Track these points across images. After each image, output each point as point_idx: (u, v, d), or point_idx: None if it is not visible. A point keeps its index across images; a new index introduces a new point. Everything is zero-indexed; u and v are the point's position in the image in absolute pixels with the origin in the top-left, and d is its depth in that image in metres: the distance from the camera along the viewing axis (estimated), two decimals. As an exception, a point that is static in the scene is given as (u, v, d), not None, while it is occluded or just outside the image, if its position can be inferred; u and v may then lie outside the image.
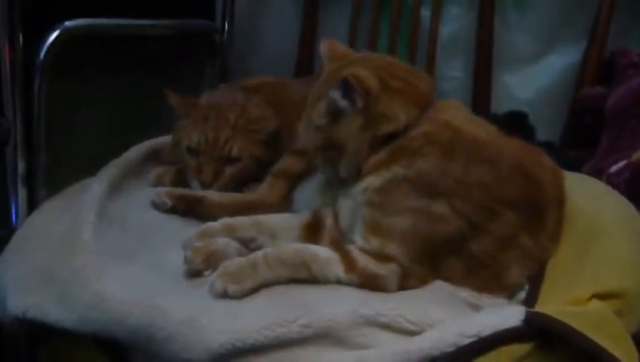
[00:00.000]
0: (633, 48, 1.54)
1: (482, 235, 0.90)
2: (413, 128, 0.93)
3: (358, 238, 0.92)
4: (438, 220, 0.90)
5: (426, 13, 1.70)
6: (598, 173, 1.34)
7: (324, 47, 1.04)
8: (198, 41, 1.65)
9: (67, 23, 1.26)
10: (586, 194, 1.06)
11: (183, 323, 0.83)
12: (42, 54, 1.23)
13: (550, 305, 0.85)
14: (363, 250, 0.90)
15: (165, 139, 1.30)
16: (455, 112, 0.99)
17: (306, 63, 1.76)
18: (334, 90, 0.91)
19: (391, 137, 0.93)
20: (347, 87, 0.90)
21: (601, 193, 1.12)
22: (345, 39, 1.71)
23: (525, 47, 1.73)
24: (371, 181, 0.93)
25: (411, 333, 0.82)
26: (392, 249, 0.89)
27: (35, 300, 0.95)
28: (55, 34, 1.24)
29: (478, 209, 0.90)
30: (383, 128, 0.93)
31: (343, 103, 0.92)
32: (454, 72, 1.76)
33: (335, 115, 0.94)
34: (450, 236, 0.90)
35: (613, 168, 1.33)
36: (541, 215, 0.96)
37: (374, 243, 0.90)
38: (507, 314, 0.82)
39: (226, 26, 1.70)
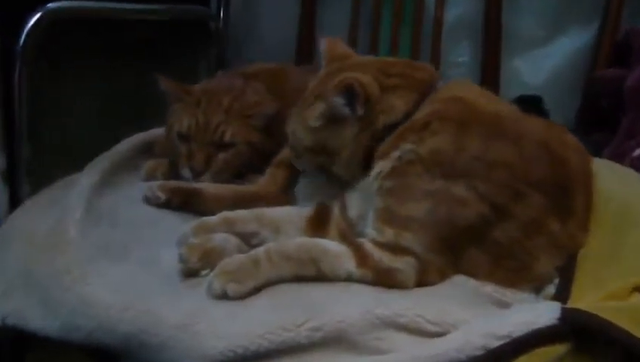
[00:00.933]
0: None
1: (506, 220, 0.84)
2: (415, 113, 0.89)
3: (370, 230, 0.86)
4: (457, 204, 0.82)
5: (430, -4, 1.64)
6: (619, 158, 1.30)
7: (323, 44, 1.01)
8: (192, 28, 1.58)
9: (50, 5, 1.18)
10: (613, 180, 0.99)
11: (178, 329, 0.78)
12: (23, 39, 1.15)
13: (585, 300, 0.79)
14: (376, 243, 0.84)
15: (159, 132, 1.24)
16: (465, 88, 0.94)
17: (306, 52, 1.70)
18: (337, 95, 0.88)
19: (393, 127, 0.89)
20: (351, 94, 0.87)
21: (627, 178, 1.06)
22: (345, 26, 1.65)
23: (534, 29, 1.69)
24: (382, 165, 0.88)
25: (432, 335, 0.76)
26: (409, 239, 0.83)
27: (14, 305, 0.89)
28: (37, 16, 1.17)
29: (501, 190, 0.83)
30: (382, 121, 0.89)
31: (344, 111, 0.89)
32: (461, 57, 1.71)
33: (332, 119, 0.91)
34: (472, 222, 0.83)
35: (637, 151, 1.29)
36: (569, 198, 0.89)
37: (389, 233, 0.83)
38: (540, 312, 0.75)
39: (222, 12, 1.63)
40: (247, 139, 1.13)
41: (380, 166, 0.88)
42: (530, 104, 1.53)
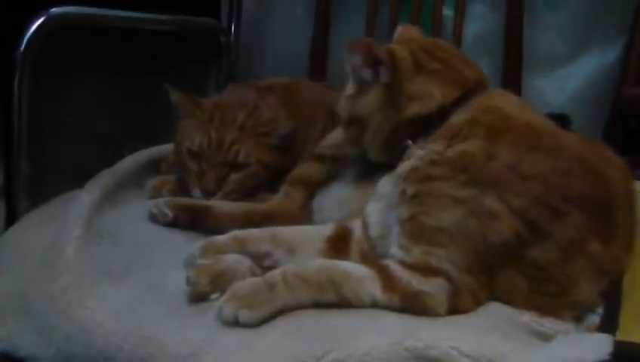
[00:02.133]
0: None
1: (543, 240, 0.79)
2: (453, 114, 0.85)
3: (396, 249, 0.81)
4: (489, 217, 0.78)
5: (448, 12, 1.61)
6: None
7: (398, 29, 1.00)
8: (202, 40, 1.54)
9: (53, 10, 1.13)
10: None
11: (185, 359, 0.73)
12: (24, 45, 1.09)
13: (635, 333, 0.72)
14: (403, 264, 0.79)
15: (167, 148, 1.20)
16: (503, 98, 0.90)
17: (319, 66, 1.65)
18: (354, 53, 0.87)
19: (426, 122, 0.86)
20: (371, 56, 0.86)
21: None
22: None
23: (557, 47, 1.64)
24: (405, 166, 0.84)
25: None
26: (439, 257, 0.78)
27: (5, 331, 0.85)
28: (39, 21, 1.11)
29: (537, 206, 0.79)
30: (413, 108, 0.86)
31: (365, 73, 0.88)
32: None
33: (360, 85, 0.90)
34: (506, 238, 0.78)
35: None
36: (611, 217, 0.84)
37: (417, 252, 0.79)
38: (589, 346, 0.69)
39: (233, 25, 1.60)
40: (262, 159, 1.09)
41: (402, 167, 0.85)
42: (557, 123, 1.47)
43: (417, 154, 0.84)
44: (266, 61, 1.73)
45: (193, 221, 1.00)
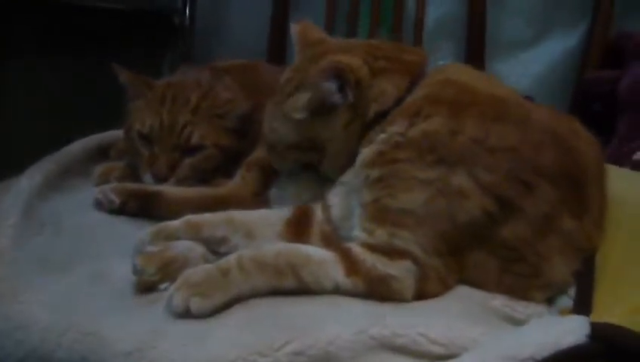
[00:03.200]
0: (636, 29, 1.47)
1: (514, 216, 0.76)
2: (407, 98, 0.84)
3: (359, 232, 0.77)
4: (457, 196, 0.75)
5: (410, -4, 1.59)
6: (618, 162, 1.24)
7: (295, 29, 0.96)
8: (155, 21, 1.50)
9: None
10: (623, 182, 0.92)
11: (128, 356, 0.68)
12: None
13: (610, 313, 0.69)
14: (367, 246, 0.76)
15: (116, 134, 1.16)
16: (461, 71, 0.88)
17: (277, 51, 1.62)
18: (327, 80, 0.82)
19: (384, 115, 0.84)
20: (341, 80, 0.82)
21: (636, 181, 1.02)
22: (320, 26, 1.57)
23: (520, 31, 1.64)
24: (366, 152, 0.81)
25: (437, 358, 0.68)
26: (405, 238, 0.75)
27: None
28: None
29: (507, 180, 0.76)
30: (373, 108, 0.84)
31: (335, 98, 0.83)
32: (442, 60, 1.64)
33: (319, 109, 0.85)
34: (475, 217, 0.75)
35: (638, 154, 1.25)
36: (583, 192, 0.81)
37: (380, 234, 0.76)
38: (565, 329, 0.66)
39: (188, 5, 1.55)
40: (217, 142, 1.05)
41: (365, 153, 0.81)
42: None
43: (379, 139, 0.80)
44: (223, 44, 1.70)
45: (143, 207, 0.95)
